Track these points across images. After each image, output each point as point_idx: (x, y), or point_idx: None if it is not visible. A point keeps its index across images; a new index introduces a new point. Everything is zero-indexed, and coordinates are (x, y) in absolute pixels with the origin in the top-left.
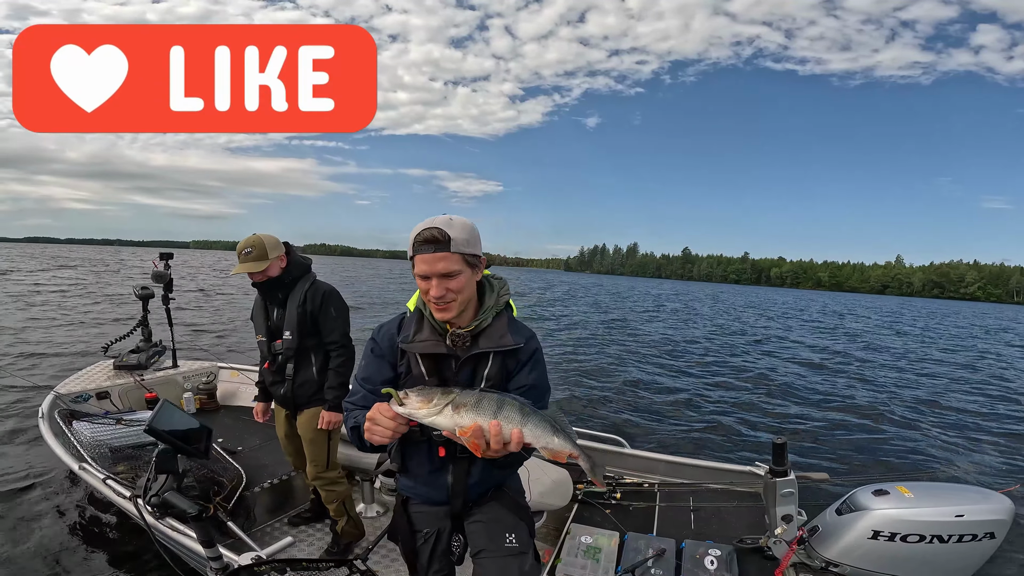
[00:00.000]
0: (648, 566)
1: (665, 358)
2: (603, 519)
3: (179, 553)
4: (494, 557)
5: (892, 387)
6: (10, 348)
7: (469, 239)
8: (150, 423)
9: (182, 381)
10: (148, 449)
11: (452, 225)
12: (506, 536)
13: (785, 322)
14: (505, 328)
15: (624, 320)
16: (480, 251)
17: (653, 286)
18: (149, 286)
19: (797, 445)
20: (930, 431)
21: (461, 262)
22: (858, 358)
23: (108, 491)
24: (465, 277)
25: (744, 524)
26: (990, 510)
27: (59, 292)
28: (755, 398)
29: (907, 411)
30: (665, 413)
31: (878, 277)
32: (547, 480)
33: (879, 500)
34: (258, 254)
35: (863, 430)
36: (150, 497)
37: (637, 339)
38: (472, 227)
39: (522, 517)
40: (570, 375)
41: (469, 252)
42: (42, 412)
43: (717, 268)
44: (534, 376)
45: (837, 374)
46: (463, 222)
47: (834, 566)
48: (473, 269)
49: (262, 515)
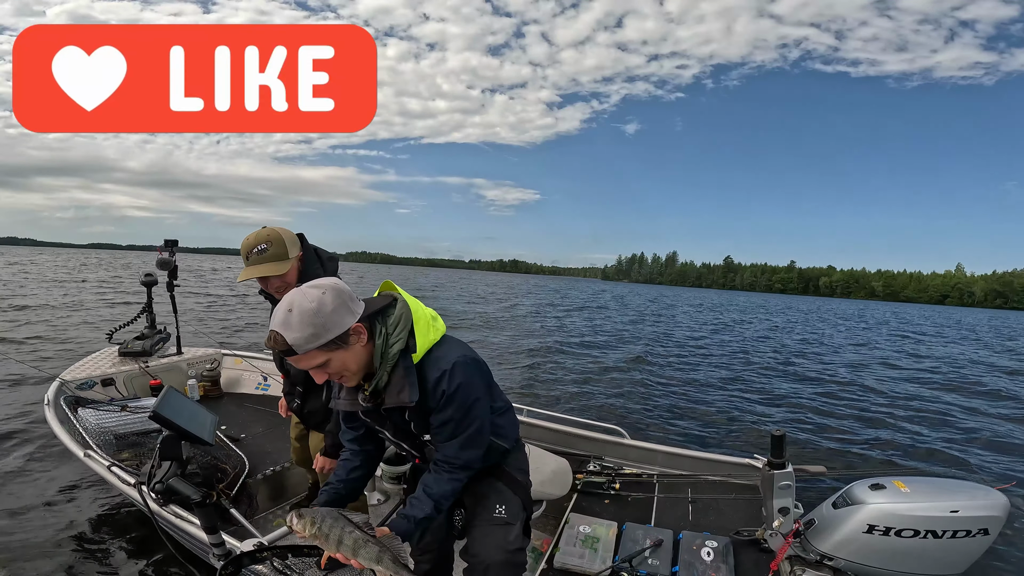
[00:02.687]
0: (645, 556)
1: (671, 352)
2: (602, 509)
3: (182, 539)
4: (481, 525)
5: (894, 385)
6: (16, 334)
7: (316, 331)
8: (154, 410)
9: (186, 368)
10: (152, 436)
11: (290, 324)
12: (496, 507)
13: (880, 335)
14: (403, 382)
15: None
16: (343, 327)
17: (694, 296)
18: (153, 273)
19: (795, 438)
20: (929, 427)
21: (321, 354)
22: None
23: (113, 478)
24: (338, 359)
25: (741, 516)
26: (984, 506)
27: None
28: (756, 391)
29: (907, 408)
30: (665, 404)
31: (937, 287)
32: (546, 470)
33: (875, 494)
34: (276, 252)
35: (862, 425)
36: (154, 484)
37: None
38: (316, 312)
39: (516, 491)
40: (582, 373)
41: (321, 344)
42: (47, 399)
43: (761, 277)
44: (447, 414)
45: (841, 370)
46: (304, 312)
47: (829, 559)
48: (344, 347)
49: (265, 502)
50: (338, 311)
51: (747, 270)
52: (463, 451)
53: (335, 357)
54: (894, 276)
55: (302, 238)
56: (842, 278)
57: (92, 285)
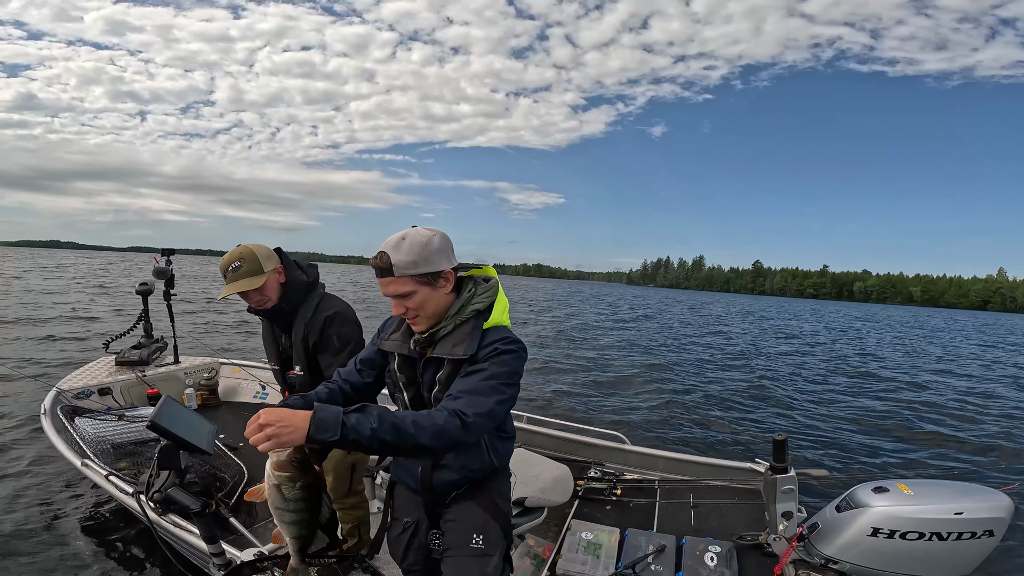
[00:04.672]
0: (648, 562)
1: (672, 356)
2: (604, 515)
3: (182, 549)
4: (457, 557)
5: (896, 388)
6: (13, 344)
7: (417, 260)
8: (152, 419)
9: (183, 377)
10: (150, 445)
11: (400, 248)
12: (473, 536)
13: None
14: (464, 337)
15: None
16: (439, 266)
17: (732, 301)
18: (149, 282)
19: (797, 442)
20: (931, 429)
21: (412, 283)
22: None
23: (111, 487)
24: (422, 295)
25: (744, 521)
26: (989, 508)
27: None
28: (756, 395)
29: (908, 410)
30: (666, 410)
31: (978, 292)
32: (548, 477)
33: (879, 497)
34: (250, 268)
35: (864, 428)
36: (153, 493)
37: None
38: (425, 244)
39: (496, 517)
40: (581, 375)
41: (418, 273)
42: (44, 408)
43: (792, 282)
44: (486, 365)
45: (839, 374)
46: (414, 242)
47: (833, 563)
48: (431, 286)
49: (264, 511)
50: (441, 252)
51: (777, 275)
52: (473, 399)
53: (420, 292)
54: (933, 281)
55: (279, 251)
56: (878, 283)
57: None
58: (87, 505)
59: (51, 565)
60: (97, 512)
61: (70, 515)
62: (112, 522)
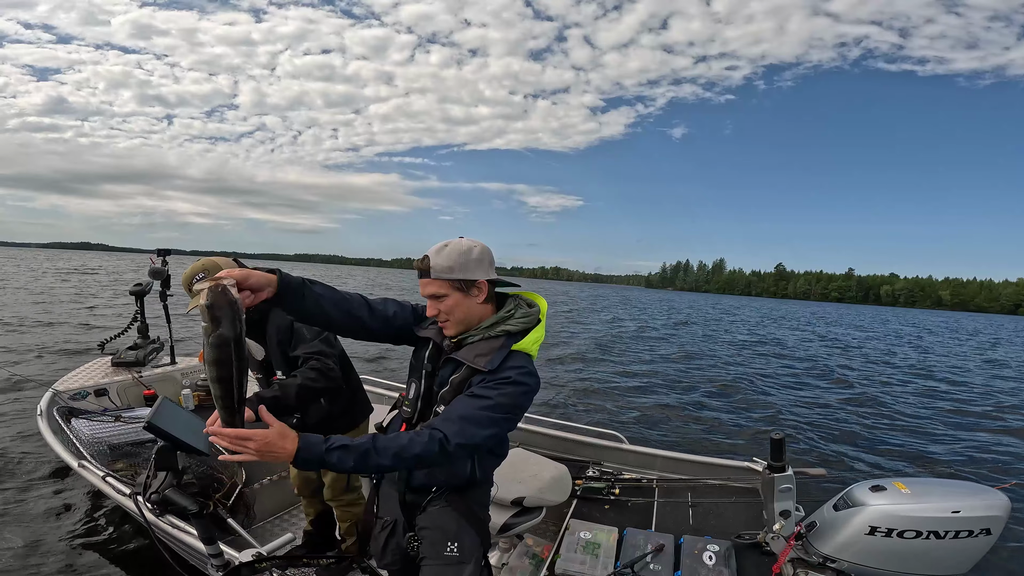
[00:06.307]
0: (647, 561)
1: (671, 358)
2: (602, 515)
3: (179, 550)
4: (432, 566)
5: (893, 387)
6: (10, 345)
7: (454, 266)
8: (149, 420)
9: (180, 378)
10: (147, 446)
11: (440, 253)
12: (448, 545)
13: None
14: (489, 351)
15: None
16: (474, 275)
17: (761, 305)
18: (144, 282)
19: (795, 441)
20: (929, 428)
21: (446, 287)
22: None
23: (108, 488)
24: (454, 300)
25: (742, 519)
26: (986, 506)
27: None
28: (753, 395)
29: (906, 409)
30: (663, 409)
31: (1010, 295)
32: (546, 476)
33: (876, 496)
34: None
35: (861, 426)
36: (150, 494)
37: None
38: (464, 252)
39: (473, 525)
40: (578, 376)
41: (454, 278)
42: (40, 409)
43: (816, 285)
44: (469, 406)
45: (836, 373)
46: (455, 249)
47: (831, 561)
48: (464, 292)
49: (262, 512)
50: (478, 263)
51: (800, 278)
52: (465, 427)
53: (452, 297)
54: (963, 284)
55: (238, 261)
56: (906, 286)
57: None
58: (84, 507)
59: (49, 567)
60: (94, 514)
61: (67, 517)
62: (109, 523)
